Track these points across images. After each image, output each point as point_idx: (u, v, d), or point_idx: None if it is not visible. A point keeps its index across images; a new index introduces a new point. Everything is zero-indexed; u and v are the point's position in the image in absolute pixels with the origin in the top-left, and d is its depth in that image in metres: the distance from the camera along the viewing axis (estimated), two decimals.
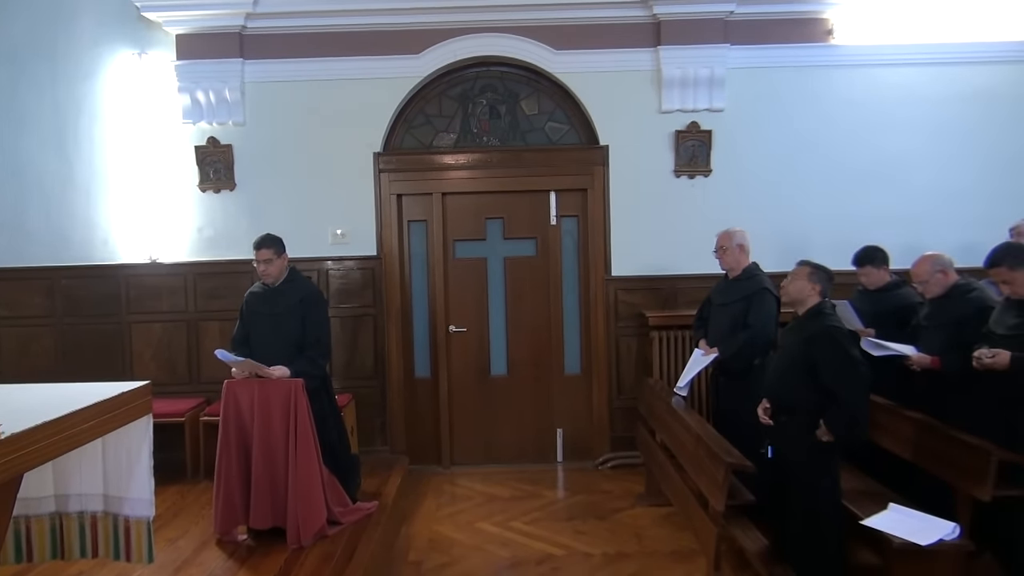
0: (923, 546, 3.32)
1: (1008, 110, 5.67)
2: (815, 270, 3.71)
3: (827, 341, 3.51)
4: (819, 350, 3.51)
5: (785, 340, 3.83)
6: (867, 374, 3.52)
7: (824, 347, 3.51)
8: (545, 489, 5.39)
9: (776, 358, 3.92)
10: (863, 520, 3.53)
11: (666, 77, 5.59)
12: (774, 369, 3.84)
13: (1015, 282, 3.53)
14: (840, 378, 3.45)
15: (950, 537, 3.34)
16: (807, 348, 3.56)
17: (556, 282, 5.89)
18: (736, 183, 5.69)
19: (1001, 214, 5.20)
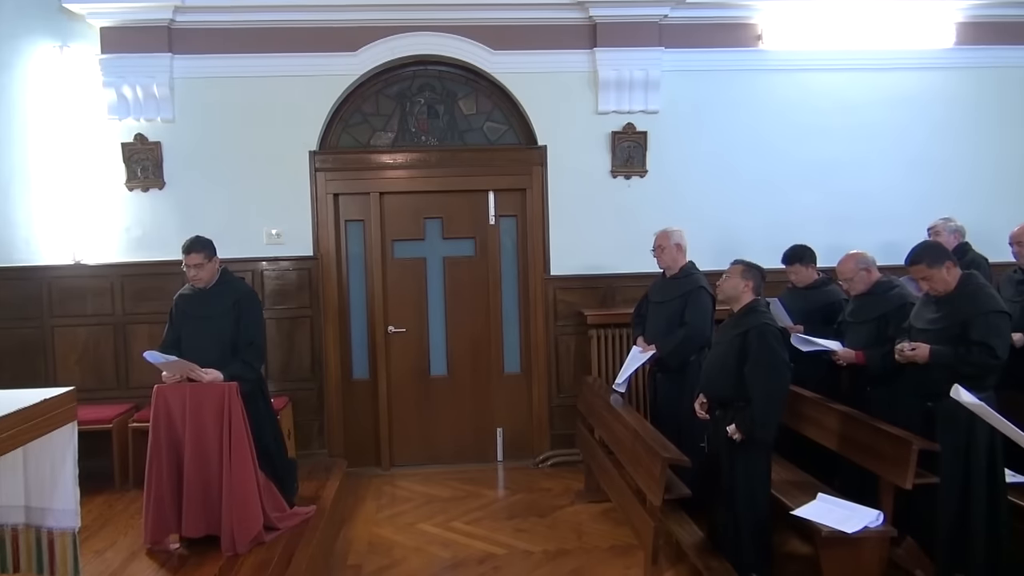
0: (849, 534, 3.45)
1: (927, 115, 5.93)
2: (748, 268, 3.83)
3: (759, 338, 3.63)
4: (750, 345, 3.63)
5: (720, 336, 3.94)
6: (787, 378, 3.66)
7: (755, 343, 3.62)
8: (486, 488, 5.40)
9: (711, 354, 4.02)
10: (793, 510, 3.65)
11: (602, 79, 5.66)
12: (710, 364, 3.94)
13: (933, 279, 3.69)
14: (758, 377, 3.59)
15: (874, 524, 3.48)
16: (742, 343, 3.68)
17: (495, 282, 5.90)
18: (671, 184, 5.80)
19: (920, 214, 5.43)
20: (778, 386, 3.64)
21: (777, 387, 3.64)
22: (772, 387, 3.61)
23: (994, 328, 3.53)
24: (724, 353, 3.80)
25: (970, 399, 1.50)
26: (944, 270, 3.66)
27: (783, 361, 3.65)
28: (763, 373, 3.60)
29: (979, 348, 3.50)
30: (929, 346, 3.64)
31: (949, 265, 3.67)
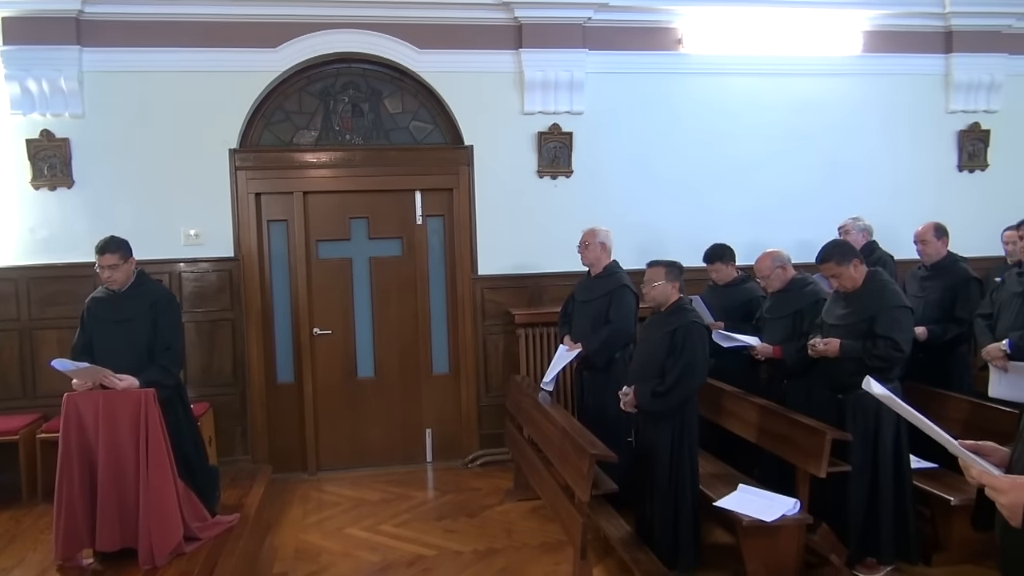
0: (768, 522, 3.58)
1: (837, 119, 6.18)
2: (670, 268, 3.93)
3: (687, 335, 3.79)
4: (677, 343, 3.78)
5: (648, 334, 4.03)
6: (702, 377, 3.86)
7: (684, 339, 3.78)
8: (415, 490, 5.36)
9: (639, 350, 4.12)
10: (716, 501, 3.77)
11: (528, 79, 5.70)
12: (638, 362, 4.03)
13: (842, 276, 3.87)
14: (680, 368, 3.76)
15: (791, 512, 3.62)
16: (672, 340, 3.80)
17: (423, 282, 5.87)
18: (596, 184, 5.88)
19: (831, 214, 5.68)
20: (692, 384, 3.80)
21: (691, 385, 3.80)
22: (687, 384, 3.77)
23: (897, 323, 3.72)
24: (654, 351, 3.91)
25: (880, 391, 1.57)
26: (851, 268, 3.83)
27: (704, 360, 3.81)
28: (685, 369, 3.73)
29: (884, 341, 3.68)
30: (839, 341, 3.81)
31: (856, 263, 3.85)
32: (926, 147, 6.32)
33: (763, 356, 4.43)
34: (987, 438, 1.62)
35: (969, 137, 6.34)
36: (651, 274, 3.98)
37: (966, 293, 4.55)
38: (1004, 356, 3.94)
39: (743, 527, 3.63)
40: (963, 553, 3.87)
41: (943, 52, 6.22)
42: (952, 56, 6.20)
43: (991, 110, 6.33)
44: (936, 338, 4.50)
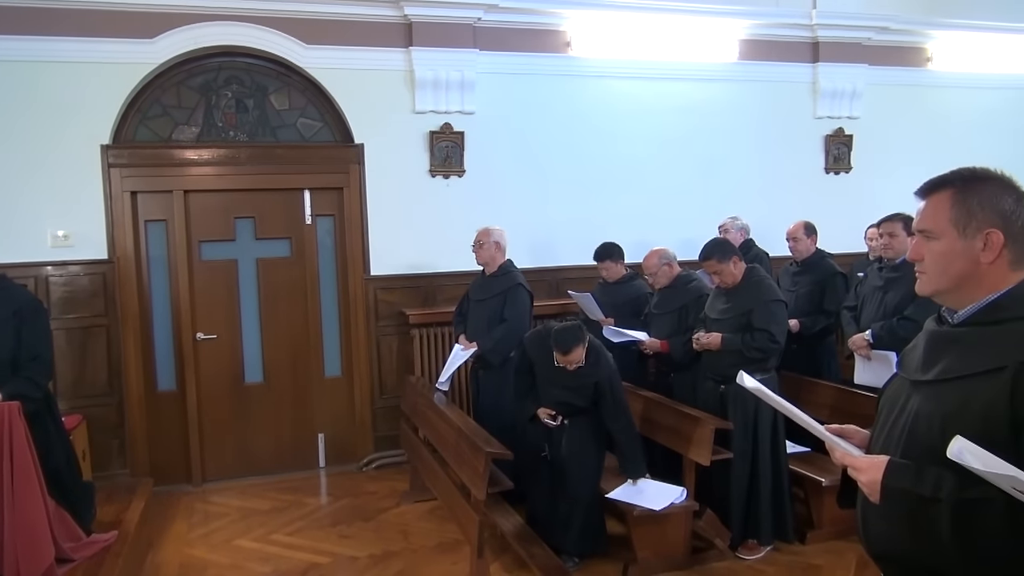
0: (658, 511, 3.72)
1: (715, 122, 6.47)
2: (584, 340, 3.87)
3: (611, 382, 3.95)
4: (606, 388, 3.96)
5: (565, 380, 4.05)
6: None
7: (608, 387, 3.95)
8: (307, 497, 5.23)
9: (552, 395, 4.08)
10: (608, 494, 3.87)
11: (419, 78, 5.66)
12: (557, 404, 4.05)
13: (723, 272, 4.07)
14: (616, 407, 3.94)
15: (679, 500, 3.77)
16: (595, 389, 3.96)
17: (313, 283, 5.73)
18: (488, 183, 5.92)
19: (712, 213, 5.95)
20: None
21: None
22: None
23: (773, 316, 3.95)
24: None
25: (752, 384, 1.66)
26: (731, 264, 4.04)
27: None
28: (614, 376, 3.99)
29: (761, 334, 3.90)
30: (720, 334, 4.01)
31: (735, 260, 4.06)
32: (796, 150, 6.71)
33: (651, 350, 4.60)
34: (853, 421, 1.74)
35: (834, 141, 6.79)
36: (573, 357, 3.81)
37: (833, 287, 4.88)
38: (867, 345, 4.24)
39: (633, 517, 3.76)
40: (834, 530, 4.14)
41: (810, 61, 6.63)
42: (818, 65, 6.61)
43: (854, 116, 6.80)
44: (807, 329, 4.81)
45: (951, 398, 1.43)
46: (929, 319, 1.60)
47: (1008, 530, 1.29)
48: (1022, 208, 1.47)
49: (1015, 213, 1.46)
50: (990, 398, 1.37)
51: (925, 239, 1.53)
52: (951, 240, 1.49)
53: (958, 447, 1.09)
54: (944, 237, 1.49)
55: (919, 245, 1.55)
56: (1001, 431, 1.34)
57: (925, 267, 1.54)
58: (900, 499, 1.42)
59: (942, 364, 1.48)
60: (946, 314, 1.56)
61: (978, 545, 1.33)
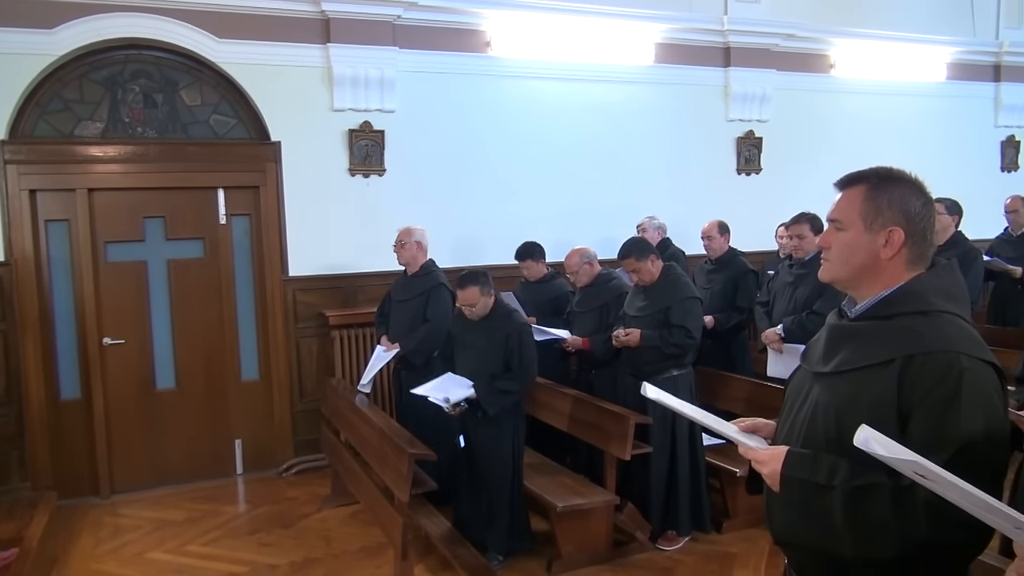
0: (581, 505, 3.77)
1: (633, 124, 6.60)
2: (481, 284, 3.98)
3: (520, 337, 3.97)
4: (515, 344, 3.93)
5: (476, 340, 4.05)
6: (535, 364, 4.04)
7: (518, 341, 3.95)
8: (224, 505, 5.07)
9: (468, 357, 4.10)
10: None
11: (337, 75, 5.57)
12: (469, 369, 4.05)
13: (641, 271, 4.16)
14: (520, 366, 3.93)
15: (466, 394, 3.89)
16: (506, 343, 3.92)
17: (228, 285, 5.55)
18: (410, 183, 5.87)
19: (630, 213, 6.08)
20: (530, 381, 4.02)
21: (529, 377, 4.01)
22: (526, 376, 4.00)
23: (689, 312, 4.07)
24: (484, 355, 4.01)
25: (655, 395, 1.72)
26: (649, 263, 4.14)
27: (535, 357, 4.03)
28: (524, 367, 3.98)
29: (678, 330, 4.01)
30: (640, 331, 4.10)
31: (653, 258, 4.16)
32: (710, 152, 6.92)
33: (573, 348, 4.66)
34: (766, 413, 1.82)
35: (745, 143, 7.03)
36: (467, 297, 3.93)
37: (745, 284, 5.06)
38: (780, 340, 4.40)
39: (557, 513, 3.80)
40: (748, 519, 4.29)
41: (723, 66, 6.85)
42: (730, 70, 6.83)
43: (763, 120, 7.06)
44: (721, 325, 4.97)
45: (846, 389, 1.51)
46: (832, 313, 1.68)
47: (893, 515, 1.37)
48: (927, 212, 1.56)
49: (920, 215, 1.55)
50: (879, 389, 1.45)
51: (835, 229, 1.60)
52: (857, 232, 1.56)
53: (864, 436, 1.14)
54: (852, 229, 1.57)
55: (829, 233, 1.62)
56: (889, 420, 1.42)
57: (830, 255, 1.61)
58: (798, 487, 1.49)
59: (840, 357, 1.56)
60: (846, 308, 1.64)
61: (866, 529, 1.40)
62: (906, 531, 1.36)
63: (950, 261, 1.60)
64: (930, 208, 1.57)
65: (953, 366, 1.40)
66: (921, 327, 1.47)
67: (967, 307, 1.55)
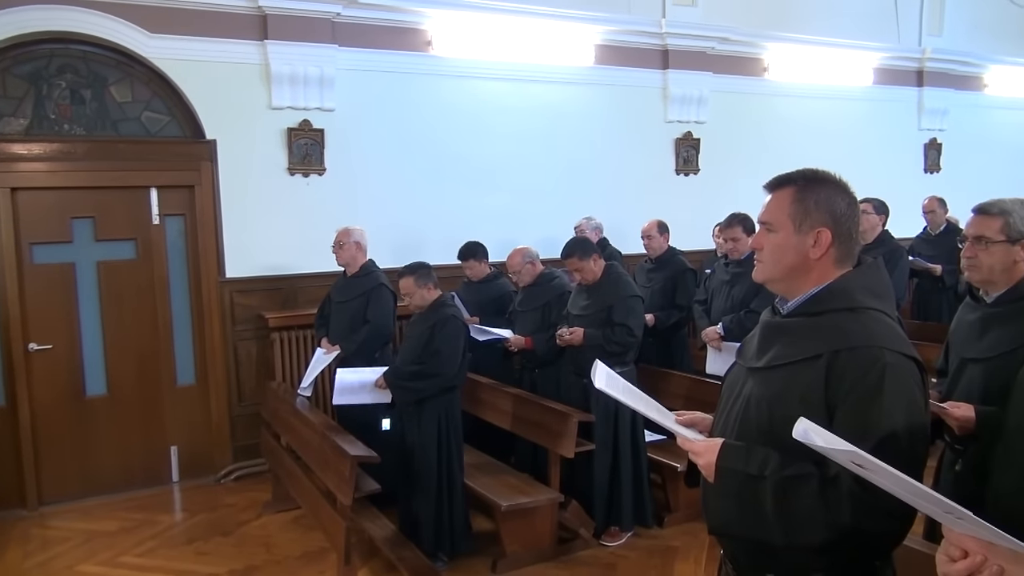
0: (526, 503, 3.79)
1: (573, 124, 6.66)
2: (418, 275, 3.99)
3: (442, 328, 3.90)
4: (436, 333, 3.88)
5: (411, 331, 4.08)
6: (454, 365, 3.94)
7: (439, 332, 3.89)
8: (160, 514, 4.92)
9: (403, 348, 4.16)
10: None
11: (275, 73, 5.46)
12: (402, 359, 4.05)
13: (584, 270, 4.20)
14: (432, 357, 3.89)
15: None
16: (432, 334, 3.89)
17: (162, 287, 5.39)
18: (350, 182, 5.80)
19: (570, 212, 6.13)
20: (443, 372, 3.90)
21: (443, 372, 3.90)
22: (438, 370, 3.89)
23: (631, 310, 4.13)
24: (415, 346, 3.97)
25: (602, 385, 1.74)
26: (592, 262, 4.19)
27: (455, 350, 3.93)
28: (442, 355, 3.88)
29: (620, 328, 4.06)
30: (583, 330, 4.14)
31: (595, 257, 4.21)
32: (649, 152, 7.03)
33: (516, 348, 4.68)
34: (705, 409, 1.86)
35: (683, 144, 7.17)
36: (402, 287, 4.04)
37: (684, 282, 5.17)
38: (719, 338, 4.50)
39: (501, 512, 3.81)
40: (689, 512, 4.38)
41: (661, 68, 6.96)
42: (668, 72, 6.95)
43: (700, 121, 7.20)
44: (661, 323, 5.06)
45: (778, 383, 1.56)
46: (765, 310, 1.73)
47: (820, 503, 1.42)
48: (852, 211, 1.62)
49: (846, 216, 1.60)
50: (809, 383, 1.51)
51: (766, 231, 1.65)
52: (788, 233, 1.61)
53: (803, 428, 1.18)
54: (782, 230, 1.62)
55: (760, 235, 1.67)
56: (817, 413, 1.47)
57: (763, 256, 1.66)
58: (731, 478, 1.53)
59: (772, 352, 1.61)
60: (778, 306, 1.69)
61: (795, 517, 1.45)
62: (832, 519, 1.42)
63: (876, 259, 1.66)
64: (855, 208, 1.63)
65: (876, 361, 1.46)
66: (847, 323, 1.53)
67: (892, 303, 1.62)
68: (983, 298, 2.35)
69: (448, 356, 3.90)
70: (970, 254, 2.30)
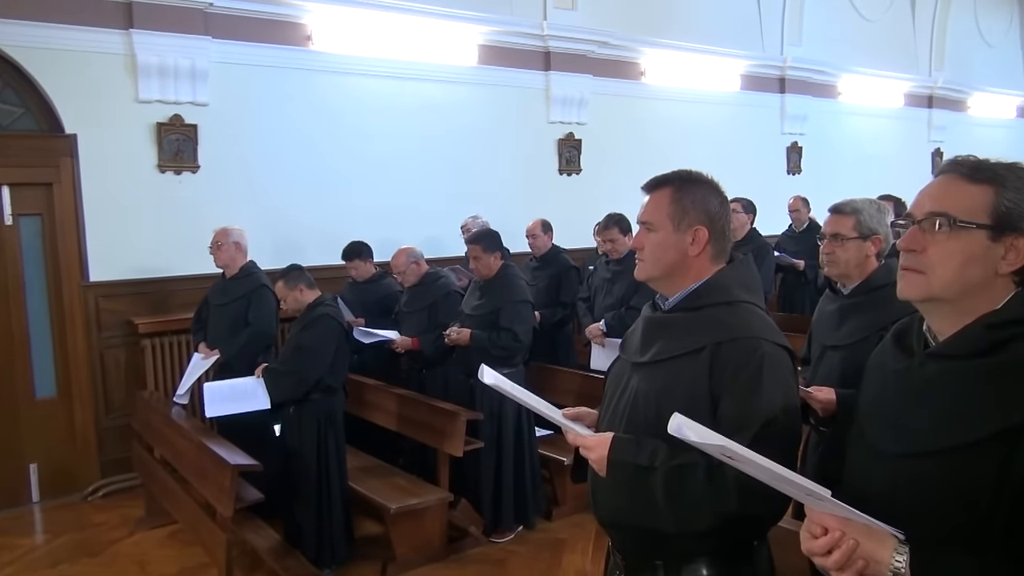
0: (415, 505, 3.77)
1: (457, 123, 6.66)
2: (288, 279, 3.94)
3: (312, 326, 3.85)
4: (306, 332, 3.84)
5: (292, 332, 4.00)
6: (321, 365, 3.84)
7: (311, 330, 3.85)
8: (19, 537, 4.55)
9: (281, 351, 4.05)
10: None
11: (142, 64, 5.16)
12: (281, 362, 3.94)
13: (481, 261, 4.24)
14: (301, 350, 3.80)
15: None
16: (300, 334, 3.83)
17: (16, 293, 4.98)
18: (227, 180, 5.56)
19: (455, 212, 6.14)
20: (307, 370, 3.81)
21: (307, 370, 3.81)
22: (301, 368, 3.82)
23: (519, 315, 4.18)
24: (287, 349, 3.89)
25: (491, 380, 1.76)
26: (492, 258, 4.24)
27: (322, 350, 3.83)
28: (306, 354, 3.81)
29: (506, 333, 4.10)
30: (470, 330, 4.16)
31: (497, 256, 4.27)
32: (533, 152, 7.14)
33: (402, 349, 4.64)
34: (594, 404, 1.90)
35: (565, 145, 7.33)
36: (277, 292, 4.04)
37: (568, 280, 5.29)
38: (602, 334, 4.63)
39: (390, 514, 3.77)
40: (576, 505, 4.48)
41: (543, 69, 7.08)
42: (550, 74, 7.08)
43: (581, 122, 7.38)
44: (546, 321, 5.15)
45: (663, 377, 1.63)
46: (646, 306, 1.80)
47: (707, 491, 1.50)
48: (725, 210, 1.71)
49: (719, 214, 1.69)
50: (693, 375, 1.58)
51: (646, 230, 1.71)
52: (667, 233, 1.67)
53: (677, 423, 1.23)
54: (662, 230, 1.68)
55: (641, 235, 1.73)
56: (703, 403, 1.55)
57: (644, 255, 1.72)
58: (623, 470, 1.58)
59: (656, 347, 1.67)
60: (659, 301, 1.76)
61: (684, 505, 1.52)
62: (719, 505, 1.49)
63: (746, 256, 1.76)
64: (727, 207, 1.72)
65: (756, 351, 1.55)
66: (726, 316, 1.61)
67: (762, 297, 1.73)
68: (840, 290, 2.53)
69: (313, 355, 3.81)
70: (828, 250, 2.48)
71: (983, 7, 11.74)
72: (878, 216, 2.45)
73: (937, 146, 11.11)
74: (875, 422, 1.32)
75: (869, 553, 1.14)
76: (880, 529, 1.15)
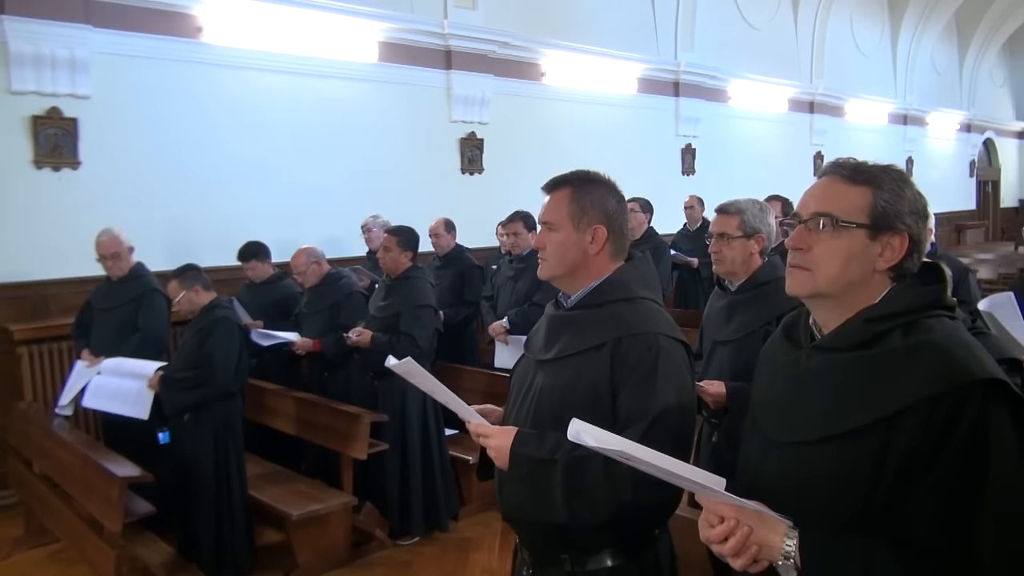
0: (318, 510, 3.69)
1: (357, 121, 6.56)
2: (183, 278, 3.80)
3: (215, 330, 3.70)
4: (211, 338, 3.68)
5: (184, 338, 3.84)
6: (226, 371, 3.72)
7: (215, 335, 3.68)
8: None
9: (175, 356, 3.93)
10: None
11: (13, 52, 4.83)
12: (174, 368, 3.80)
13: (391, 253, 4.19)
14: (211, 358, 3.65)
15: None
16: (201, 339, 3.69)
17: None
18: (111, 177, 5.26)
19: (356, 211, 6.04)
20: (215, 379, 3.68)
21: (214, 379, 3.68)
22: (218, 371, 3.67)
23: (418, 320, 4.14)
24: (186, 354, 3.74)
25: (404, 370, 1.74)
26: (404, 256, 4.20)
27: (229, 354, 3.72)
28: (213, 357, 3.66)
29: (404, 338, 4.06)
30: (371, 333, 4.11)
31: (410, 255, 4.23)
32: (435, 152, 7.11)
33: (303, 350, 4.53)
34: (498, 403, 1.92)
35: (468, 144, 7.34)
36: (170, 291, 3.87)
37: (472, 279, 5.31)
38: (505, 332, 4.66)
39: (292, 521, 3.68)
40: (482, 503, 4.50)
41: (444, 68, 7.07)
42: (452, 73, 7.08)
43: (484, 122, 7.41)
44: (450, 320, 5.14)
45: (567, 373, 1.66)
46: (549, 304, 1.83)
47: (604, 480, 1.54)
48: (622, 209, 1.76)
49: (616, 213, 1.74)
50: (596, 370, 1.62)
51: (548, 230, 1.74)
52: (568, 232, 1.71)
53: (575, 429, 1.25)
54: (562, 229, 1.71)
55: (543, 235, 1.76)
56: (604, 398, 1.60)
57: (547, 254, 1.74)
58: (524, 463, 1.61)
59: (560, 344, 1.71)
60: (562, 299, 1.79)
61: (583, 496, 1.56)
62: (615, 494, 1.53)
63: (644, 253, 1.82)
64: (624, 206, 1.77)
65: (652, 345, 1.60)
66: (626, 313, 1.66)
67: (660, 293, 1.79)
68: (728, 287, 2.65)
69: (222, 361, 3.67)
70: (715, 249, 2.59)
71: (858, 19, 12.56)
72: (761, 215, 2.57)
73: (818, 149, 11.80)
74: (766, 412, 1.40)
75: (762, 539, 1.21)
76: (771, 516, 1.22)
